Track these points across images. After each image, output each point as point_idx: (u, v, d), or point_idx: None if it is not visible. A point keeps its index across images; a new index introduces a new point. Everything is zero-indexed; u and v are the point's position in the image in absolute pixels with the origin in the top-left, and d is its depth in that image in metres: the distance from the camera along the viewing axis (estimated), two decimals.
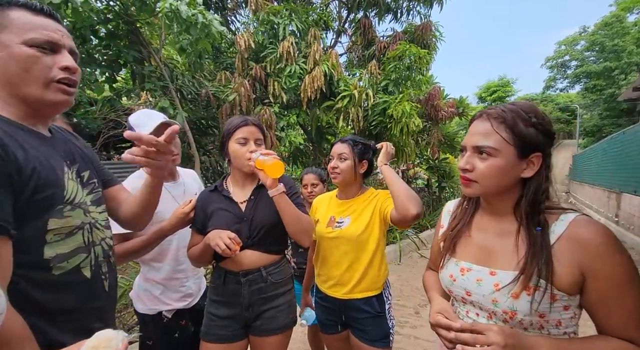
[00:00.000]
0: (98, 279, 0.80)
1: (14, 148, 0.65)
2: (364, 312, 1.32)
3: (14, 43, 0.69)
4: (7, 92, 0.71)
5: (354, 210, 1.37)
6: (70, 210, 0.73)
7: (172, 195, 1.44)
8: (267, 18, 4.19)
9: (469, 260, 0.79)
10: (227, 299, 1.21)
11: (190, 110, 4.07)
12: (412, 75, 4.83)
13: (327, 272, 1.37)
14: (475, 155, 0.73)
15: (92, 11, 2.83)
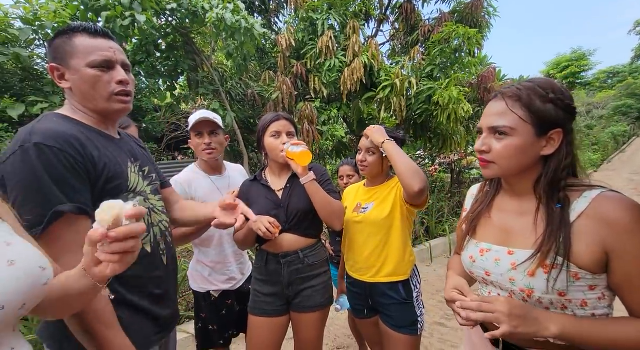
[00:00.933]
0: (157, 253, 0.97)
1: (91, 148, 0.83)
2: (389, 298, 1.34)
3: (81, 67, 0.85)
4: (84, 105, 0.90)
5: (378, 196, 1.41)
6: (133, 198, 0.90)
7: (217, 186, 1.61)
8: (306, 15, 4.28)
9: (488, 241, 0.78)
10: (269, 278, 1.35)
11: (238, 110, 4.37)
12: (461, 58, 4.50)
13: (353, 256, 1.43)
14: (491, 136, 0.73)
15: (153, 28, 3.21)
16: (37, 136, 0.75)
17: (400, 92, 4.09)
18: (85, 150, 0.80)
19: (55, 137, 0.76)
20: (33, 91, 2.75)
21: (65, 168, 0.76)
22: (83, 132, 0.85)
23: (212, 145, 1.55)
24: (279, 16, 5.41)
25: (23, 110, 2.54)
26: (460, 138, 4.78)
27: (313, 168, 1.40)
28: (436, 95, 4.08)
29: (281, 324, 1.36)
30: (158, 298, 0.95)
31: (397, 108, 4.16)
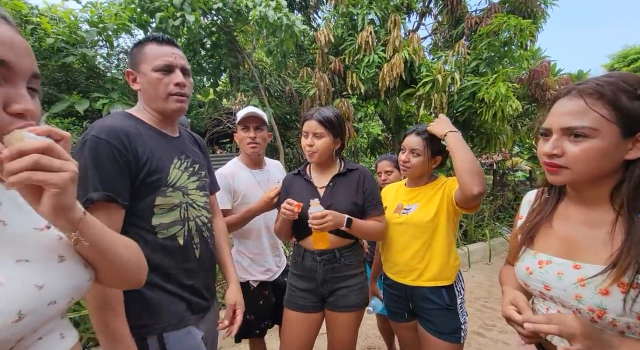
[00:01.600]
0: (190, 247, 1.01)
1: (137, 142, 0.90)
2: (432, 303, 1.29)
3: (148, 70, 0.97)
4: (148, 104, 1.01)
5: (422, 197, 1.35)
6: (171, 192, 0.96)
7: (257, 180, 1.66)
8: (346, 10, 4.23)
9: (548, 252, 0.72)
10: (305, 274, 1.36)
11: (276, 106, 4.47)
12: (511, 51, 4.19)
13: (393, 258, 1.39)
14: (564, 138, 0.66)
15: (200, 27, 3.37)
16: (95, 130, 0.86)
17: (441, 88, 3.91)
18: (131, 145, 0.88)
19: (107, 131, 0.86)
20: (96, 88, 3.03)
21: (108, 158, 0.84)
22: (138, 128, 0.94)
23: (257, 139, 1.60)
24: (318, 12, 5.42)
25: (87, 105, 2.81)
26: (506, 137, 4.47)
27: (360, 172, 1.39)
28: (481, 92, 3.85)
29: (315, 320, 1.38)
30: (189, 288, 1.00)
31: (437, 105, 3.99)
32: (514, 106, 3.85)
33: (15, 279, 0.47)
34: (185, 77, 1.01)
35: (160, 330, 0.92)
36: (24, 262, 0.49)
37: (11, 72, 0.45)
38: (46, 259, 0.52)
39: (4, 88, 0.45)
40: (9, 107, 0.45)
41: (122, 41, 3.62)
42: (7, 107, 0.45)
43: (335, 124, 1.32)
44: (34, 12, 2.78)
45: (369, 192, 1.35)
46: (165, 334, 0.93)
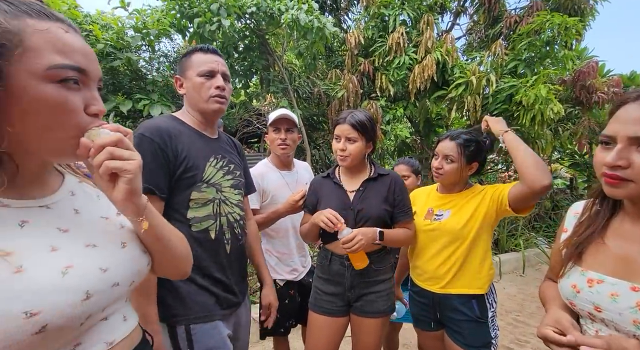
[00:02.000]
0: (221, 241, 1.06)
1: (178, 141, 0.99)
2: (461, 313, 1.25)
3: (193, 76, 1.06)
4: (192, 107, 1.10)
5: (455, 204, 1.30)
6: (206, 188, 1.02)
7: (286, 181, 1.69)
8: (377, 11, 4.19)
9: (600, 270, 0.67)
10: (332, 277, 1.36)
11: (304, 108, 4.52)
12: (554, 51, 3.94)
13: (423, 265, 1.36)
14: (632, 148, 0.60)
15: (234, 31, 3.49)
16: (142, 128, 0.96)
17: (475, 90, 3.76)
18: (171, 143, 0.98)
19: (151, 129, 0.96)
20: (138, 90, 3.23)
21: (151, 155, 0.93)
22: (179, 129, 1.03)
23: (287, 141, 1.63)
24: (348, 14, 5.41)
25: (130, 105, 3.01)
26: (545, 143, 4.21)
27: (391, 177, 1.37)
28: (519, 94, 3.65)
29: (341, 324, 1.37)
30: (218, 281, 1.04)
31: (470, 107, 3.84)
32: (555, 109, 3.62)
33: (84, 262, 0.52)
34: (225, 82, 1.09)
35: (188, 322, 0.97)
36: (92, 246, 0.55)
37: (87, 78, 0.51)
38: (111, 244, 0.58)
39: (83, 92, 0.51)
40: (87, 109, 0.51)
41: (162, 45, 3.84)
42: (86, 109, 0.51)
43: (368, 128, 1.31)
44: (87, 20, 3.03)
45: (400, 198, 1.33)
46: (192, 326, 0.97)
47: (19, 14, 0.46)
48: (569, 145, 5.19)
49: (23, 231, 0.48)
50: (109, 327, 0.57)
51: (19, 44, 0.45)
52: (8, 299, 0.42)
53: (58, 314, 0.46)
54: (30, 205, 0.52)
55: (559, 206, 5.41)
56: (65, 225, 0.54)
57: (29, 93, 0.45)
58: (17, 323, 0.42)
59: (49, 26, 0.48)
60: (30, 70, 0.45)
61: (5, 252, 0.44)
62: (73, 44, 0.49)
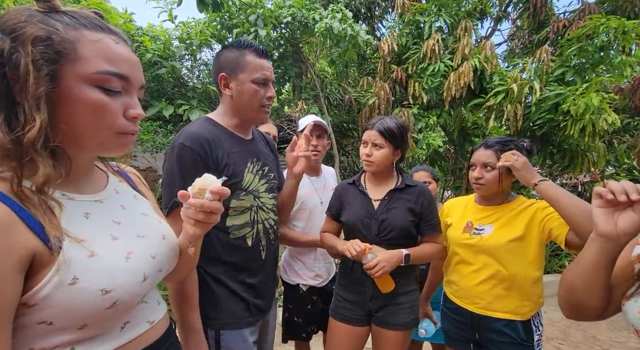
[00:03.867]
0: (257, 248, 1.07)
1: (217, 148, 0.99)
2: (504, 335, 1.15)
3: (247, 81, 1.03)
4: (234, 110, 1.07)
5: (498, 218, 1.21)
6: (244, 195, 1.03)
7: (314, 187, 1.70)
8: (412, 18, 4.14)
9: None
10: (353, 286, 1.34)
11: (334, 114, 4.54)
12: (609, 57, 3.62)
13: (459, 281, 1.27)
14: None
15: (270, 40, 3.62)
16: (182, 137, 0.96)
17: (517, 98, 3.55)
18: (211, 151, 0.97)
19: (191, 138, 0.95)
20: (180, 96, 3.46)
21: (192, 164, 0.93)
22: (217, 134, 1.02)
23: (318, 147, 1.65)
24: (382, 22, 5.40)
25: (172, 110, 3.22)
26: (597, 156, 3.84)
27: (419, 189, 1.33)
28: (567, 103, 3.39)
29: (361, 334, 1.34)
30: (250, 287, 1.05)
31: (510, 117, 3.62)
32: (609, 120, 3.30)
33: (140, 249, 0.60)
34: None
35: (219, 326, 0.99)
36: (142, 237, 0.62)
37: (129, 85, 0.56)
38: (154, 236, 0.65)
39: (124, 97, 0.56)
40: (126, 113, 0.56)
41: (203, 55, 4.09)
42: (125, 112, 0.56)
43: (396, 135, 1.28)
44: (139, 32, 3.31)
45: (428, 211, 1.29)
46: (222, 331, 0.99)
47: (77, 26, 0.52)
48: (626, 159, 4.69)
49: (88, 221, 0.55)
50: (149, 309, 0.64)
51: (73, 51, 0.50)
52: (88, 278, 0.49)
53: (126, 292, 0.54)
54: (88, 199, 0.58)
55: None
56: (117, 218, 0.60)
57: (76, 94, 0.51)
58: (96, 299, 0.50)
59: (102, 37, 0.53)
60: (79, 74, 0.51)
61: (80, 239, 0.51)
62: (120, 53, 0.55)
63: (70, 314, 0.48)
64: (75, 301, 0.48)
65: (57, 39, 0.49)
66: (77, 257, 0.49)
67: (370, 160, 1.29)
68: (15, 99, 0.48)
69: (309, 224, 1.65)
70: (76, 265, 0.49)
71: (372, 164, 1.29)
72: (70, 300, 0.48)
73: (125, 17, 3.22)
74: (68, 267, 0.48)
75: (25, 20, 0.48)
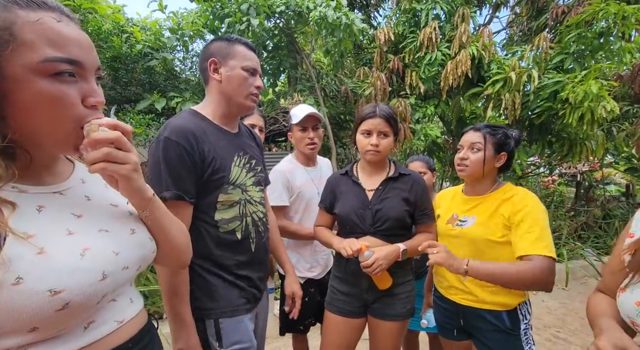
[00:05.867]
0: (246, 241, 1.06)
1: (204, 142, 0.96)
2: (489, 323, 1.14)
3: (237, 67, 1.02)
4: (222, 97, 1.05)
5: (481, 209, 1.18)
6: (232, 189, 1.01)
7: (311, 177, 1.67)
8: (409, 6, 4.05)
9: None
10: (348, 277, 1.32)
11: (331, 106, 4.49)
12: (608, 43, 3.56)
13: (444, 272, 1.26)
14: None
15: (264, 30, 3.54)
16: (167, 130, 0.92)
17: (515, 87, 3.50)
18: (198, 145, 0.94)
19: (177, 132, 0.92)
20: (172, 88, 3.39)
21: (178, 159, 0.90)
22: (203, 127, 0.99)
23: (315, 139, 1.62)
24: (379, 10, 5.30)
25: (165, 103, 3.16)
26: (595, 144, 3.82)
27: (412, 177, 1.30)
28: (565, 91, 3.34)
29: (357, 326, 1.33)
30: (243, 278, 1.05)
31: (509, 105, 3.57)
32: (608, 107, 3.26)
33: (99, 245, 0.54)
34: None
35: (217, 316, 0.99)
36: (105, 231, 0.57)
37: (83, 69, 0.51)
38: (121, 230, 0.60)
39: (80, 84, 0.50)
40: (85, 101, 0.51)
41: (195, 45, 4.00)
42: (84, 101, 0.51)
43: (396, 122, 1.28)
44: (129, 23, 3.22)
45: (422, 200, 1.27)
46: (221, 320, 0.99)
47: (7, 5, 0.45)
48: (625, 148, 4.68)
49: (40, 215, 0.50)
50: (118, 307, 0.59)
51: (10, 38, 0.44)
52: (34, 278, 0.44)
53: (79, 292, 0.48)
54: (45, 191, 0.53)
55: (611, 215, 4.89)
56: (78, 211, 0.56)
57: (25, 88, 0.45)
58: (43, 300, 0.45)
59: (41, 16, 0.47)
60: (23, 65, 0.45)
61: (28, 235, 0.46)
62: (66, 34, 0.48)
63: (15, 317, 0.44)
64: (20, 303, 0.43)
65: None
66: (22, 255, 0.45)
67: (378, 149, 1.24)
68: None
69: (306, 214, 1.63)
70: (20, 264, 0.44)
71: (379, 153, 1.25)
72: (13, 302, 0.43)
73: (114, 7, 3.13)
74: (10, 266, 0.43)
75: None
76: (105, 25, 2.97)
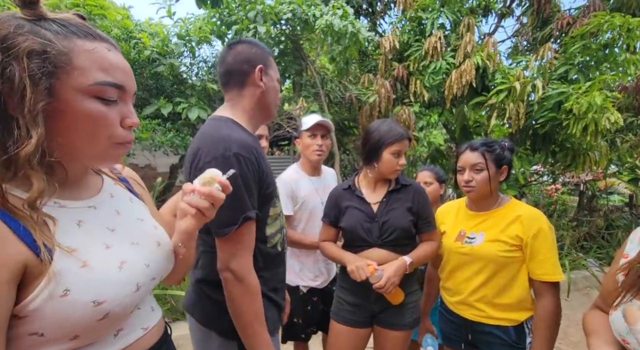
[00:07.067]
0: (283, 253, 1.05)
1: (261, 156, 0.92)
2: (496, 337, 1.16)
3: (274, 78, 1.01)
4: (259, 106, 1.00)
5: (489, 225, 1.20)
6: (277, 202, 1.01)
7: (315, 187, 1.69)
8: (415, 15, 4.08)
9: None
10: (355, 289, 1.34)
11: (335, 112, 4.51)
12: (613, 55, 3.57)
13: (454, 287, 1.27)
14: None
15: (270, 37, 3.58)
16: (236, 146, 0.85)
17: (519, 96, 3.51)
18: (259, 161, 0.90)
19: (246, 147, 0.87)
20: (178, 93, 3.43)
21: (251, 176, 0.86)
22: (253, 144, 0.93)
23: (322, 147, 1.64)
24: (384, 18, 5.33)
25: (171, 108, 3.19)
26: (599, 155, 3.81)
27: (413, 188, 1.33)
28: (569, 101, 3.35)
29: (363, 336, 1.34)
30: (279, 290, 1.05)
31: (512, 115, 3.58)
32: (612, 119, 3.27)
33: (133, 258, 0.58)
34: None
35: None
36: (136, 244, 0.61)
37: (124, 93, 0.55)
38: (149, 243, 0.64)
39: (120, 106, 0.55)
40: (123, 122, 0.55)
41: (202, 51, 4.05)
42: (122, 122, 0.55)
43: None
44: (137, 28, 3.27)
45: (423, 209, 1.30)
46: None
47: (69, 35, 0.50)
48: (629, 158, 4.67)
49: (80, 230, 0.54)
50: (143, 315, 0.63)
51: (68, 63, 0.49)
52: (80, 290, 0.49)
53: (118, 303, 0.53)
54: (81, 206, 0.57)
55: (614, 225, 4.87)
56: (111, 224, 0.59)
57: (74, 107, 0.50)
58: (87, 310, 0.49)
59: (95, 46, 0.52)
60: (75, 86, 0.49)
61: (72, 249, 0.50)
62: (114, 62, 0.53)
63: (62, 326, 0.47)
64: (67, 313, 0.47)
65: (52, 52, 0.47)
66: (69, 268, 0.48)
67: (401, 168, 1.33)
68: (8, 113, 0.46)
69: (309, 224, 1.65)
70: (67, 277, 0.48)
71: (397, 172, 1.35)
72: (61, 312, 0.47)
73: (123, 14, 3.18)
74: (59, 279, 0.47)
75: (15, 31, 0.46)
76: (114, 30, 3.02)
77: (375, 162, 1.31)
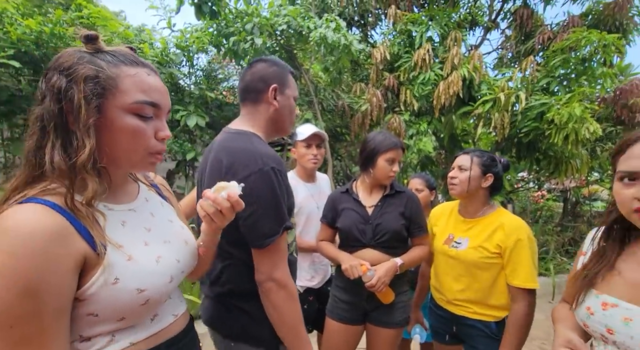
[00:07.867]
0: (296, 259, 1.11)
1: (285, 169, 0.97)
2: (478, 330, 1.26)
3: (291, 97, 1.05)
4: (274, 123, 1.04)
5: (475, 233, 1.30)
6: (296, 211, 1.09)
7: (310, 193, 1.79)
8: (404, 28, 4.26)
9: (615, 295, 0.70)
10: (349, 287, 1.43)
11: (328, 120, 4.64)
12: (591, 69, 3.78)
13: (441, 287, 1.38)
14: None
15: (266, 48, 3.70)
16: (271, 161, 0.89)
17: (504, 107, 3.68)
18: (284, 172, 0.95)
19: (279, 161, 0.92)
20: (177, 102, 3.52)
21: (283, 188, 0.92)
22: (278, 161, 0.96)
23: (317, 156, 1.73)
24: (375, 29, 5.52)
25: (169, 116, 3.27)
26: (580, 163, 3.99)
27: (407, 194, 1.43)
28: (551, 112, 3.53)
29: (356, 332, 1.43)
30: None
31: (498, 124, 3.75)
32: (591, 129, 3.45)
33: (167, 254, 0.68)
34: None
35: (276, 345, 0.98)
36: (168, 242, 0.72)
37: (160, 110, 0.66)
38: (179, 241, 0.75)
39: (155, 121, 0.65)
40: (157, 135, 0.65)
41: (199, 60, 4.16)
42: (156, 134, 0.65)
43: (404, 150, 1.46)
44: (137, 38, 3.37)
45: (416, 215, 1.40)
46: (280, 347, 0.99)
47: (117, 63, 0.60)
48: (609, 166, 4.87)
49: (125, 229, 0.64)
50: (173, 304, 0.74)
51: (115, 85, 0.59)
52: (127, 279, 0.58)
53: (156, 291, 0.62)
54: (124, 209, 0.68)
55: None
56: (148, 225, 0.70)
57: (117, 122, 0.60)
58: (132, 296, 0.58)
59: (137, 72, 0.62)
60: (119, 105, 0.60)
61: (119, 245, 0.60)
62: (153, 84, 0.64)
63: (112, 308, 0.57)
64: (116, 298, 0.57)
65: (102, 77, 0.57)
66: (118, 261, 0.58)
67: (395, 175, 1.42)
68: (69, 128, 0.57)
69: (306, 227, 1.73)
70: (117, 268, 0.57)
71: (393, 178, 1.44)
72: (112, 297, 0.56)
73: (125, 25, 3.28)
74: (111, 269, 0.56)
75: (77, 62, 0.56)
76: (115, 40, 3.11)
77: (371, 168, 1.43)
